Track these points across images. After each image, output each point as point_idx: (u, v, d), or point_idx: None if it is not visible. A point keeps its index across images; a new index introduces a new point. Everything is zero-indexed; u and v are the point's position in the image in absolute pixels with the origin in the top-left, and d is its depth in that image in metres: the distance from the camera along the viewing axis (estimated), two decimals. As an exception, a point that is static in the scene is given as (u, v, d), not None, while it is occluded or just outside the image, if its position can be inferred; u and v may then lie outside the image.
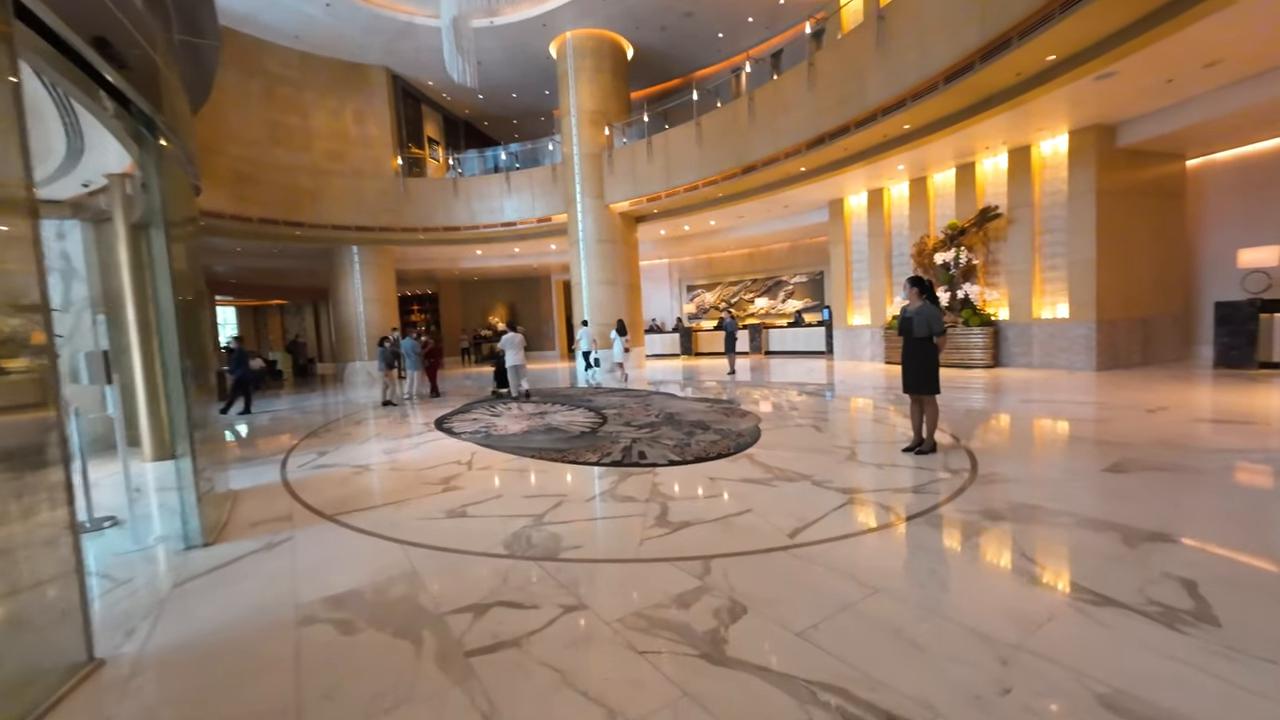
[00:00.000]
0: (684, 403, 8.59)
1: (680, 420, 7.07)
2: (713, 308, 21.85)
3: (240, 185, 13.93)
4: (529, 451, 5.85)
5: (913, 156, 11.09)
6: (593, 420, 7.50)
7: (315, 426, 8.51)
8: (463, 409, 9.42)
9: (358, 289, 17.20)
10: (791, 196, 13.96)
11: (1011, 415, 6.54)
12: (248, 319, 29.51)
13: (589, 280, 15.31)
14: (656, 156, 14.11)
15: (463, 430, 7.35)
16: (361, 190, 16.14)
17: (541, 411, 8.53)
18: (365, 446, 6.68)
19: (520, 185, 16.70)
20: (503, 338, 10.86)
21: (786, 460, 4.91)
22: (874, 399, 8.11)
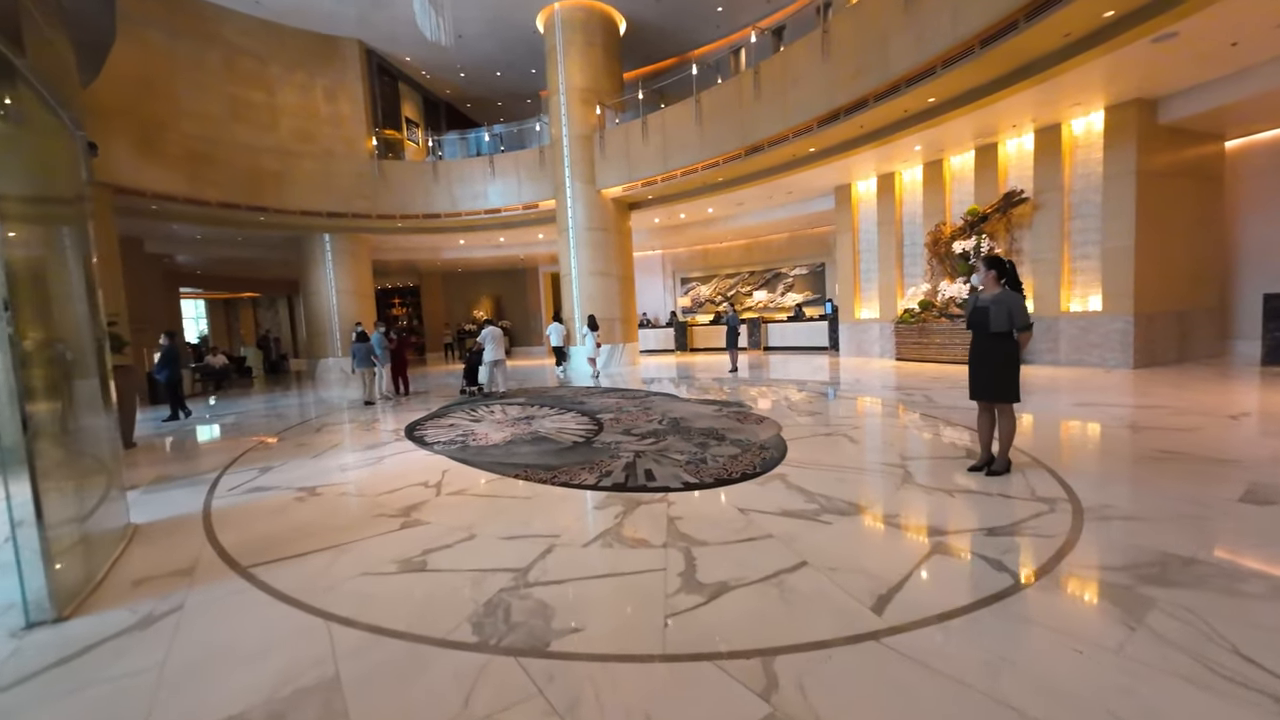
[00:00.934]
0: (688, 406, 7.65)
1: (688, 428, 6.13)
2: (708, 301, 20.94)
3: (196, 165, 12.70)
4: (512, 468, 4.88)
5: (931, 136, 10.23)
6: (586, 427, 6.54)
7: (268, 433, 7.44)
8: (439, 412, 8.40)
9: (330, 280, 16.02)
10: (796, 181, 13.05)
11: (1074, 422, 5.69)
12: (218, 312, 28.07)
13: (579, 271, 14.30)
14: (652, 137, 13.11)
15: (436, 440, 6.35)
16: (333, 173, 14.94)
17: (528, 416, 7.55)
18: (319, 461, 5.65)
19: (505, 169, 15.60)
20: (482, 331, 10.08)
21: (829, 483, 4.00)
22: (899, 400, 7.23)
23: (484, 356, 10.44)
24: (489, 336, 10.31)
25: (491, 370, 10.50)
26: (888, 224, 12.74)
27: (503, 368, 10.56)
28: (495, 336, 10.32)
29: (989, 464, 4.05)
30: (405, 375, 12.25)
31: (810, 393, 8.53)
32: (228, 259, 18.49)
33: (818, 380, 10.00)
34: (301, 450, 6.23)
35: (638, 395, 8.99)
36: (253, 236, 15.73)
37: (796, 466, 4.47)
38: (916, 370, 10.39)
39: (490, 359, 10.34)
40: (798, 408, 7.20)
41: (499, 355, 10.31)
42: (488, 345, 10.26)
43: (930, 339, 11.45)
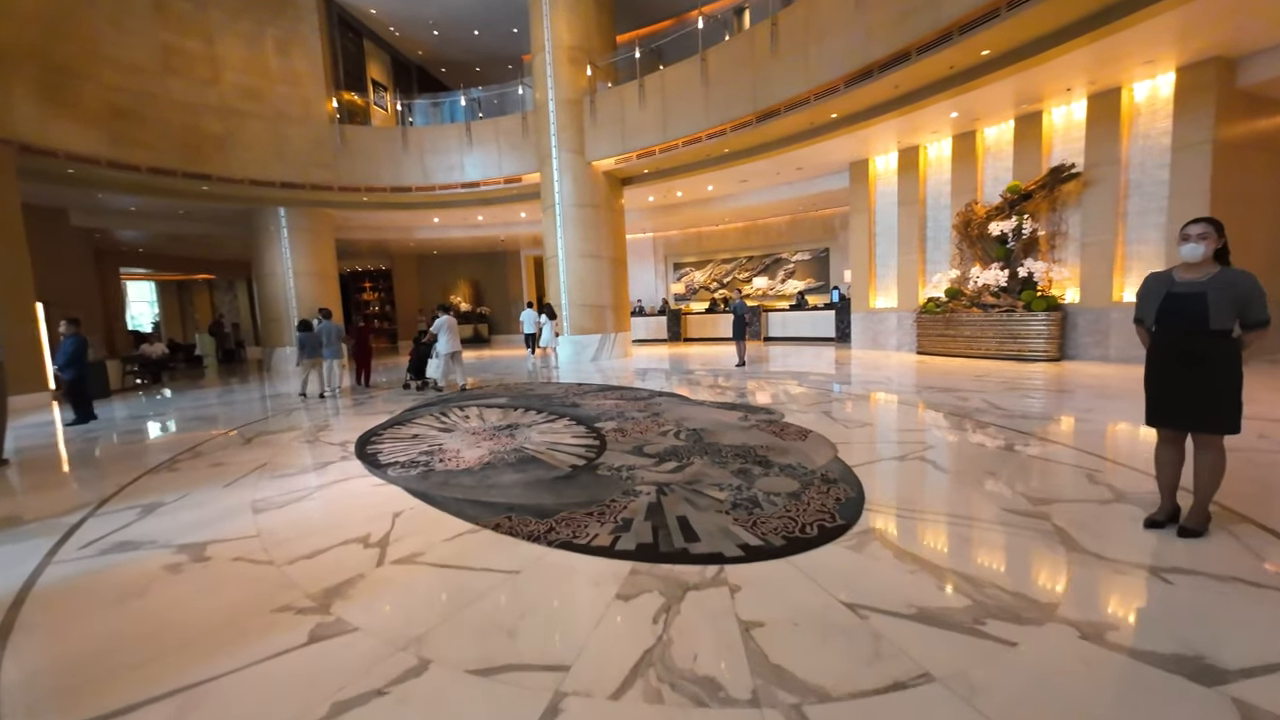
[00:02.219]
0: (706, 412, 6.37)
1: (716, 446, 4.84)
2: (702, 288, 19.66)
3: (119, 123, 10.90)
4: (490, 511, 3.54)
5: (970, 102, 9.02)
6: (585, 443, 5.21)
7: (182, 447, 5.96)
8: (403, 417, 6.98)
9: (286, 260, 14.33)
10: (808, 156, 11.78)
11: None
12: (170, 296, 25.92)
13: (566, 252, 12.87)
14: (650, 102, 11.67)
15: (393, 459, 4.96)
16: (286, 138, 13.20)
17: (510, 425, 6.18)
18: (229, 494, 4.23)
19: (484, 137, 14.01)
20: (435, 320, 9.17)
21: (957, 550, 2.76)
22: (953, 405, 6.04)
23: (438, 348, 9.26)
24: (443, 326, 9.21)
25: (448, 363, 9.27)
26: (910, 203, 11.54)
27: (459, 360, 9.32)
28: (450, 326, 9.26)
29: (1173, 517, 2.85)
30: (369, 366, 10.87)
31: (842, 394, 7.31)
32: (174, 235, 16.57)
33: (840, 378, 8.79)
34: (214, 474, 4.79)
35: (639, 395, 7.68)
36: (196, 209, 13.94)
37: (889, 514, 3.22)
38: (946, 366, 9.25)
39: (446, 351, 9.22)
40: (838, 415, 5.97)
41: (455, 346, 9.27)
42: (442, 335, 9.17)
43: (958, 331, 10.33)
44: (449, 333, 9.21)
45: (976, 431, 4.98)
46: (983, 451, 4.38)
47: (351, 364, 11.40)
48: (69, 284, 13.15)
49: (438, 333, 9.20)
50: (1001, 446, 4.47)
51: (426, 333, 9.58)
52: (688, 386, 8.44)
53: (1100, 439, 4.70)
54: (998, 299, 9.77)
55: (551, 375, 10.72)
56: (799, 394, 7.39)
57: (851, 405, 6.53)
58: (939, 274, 11.09)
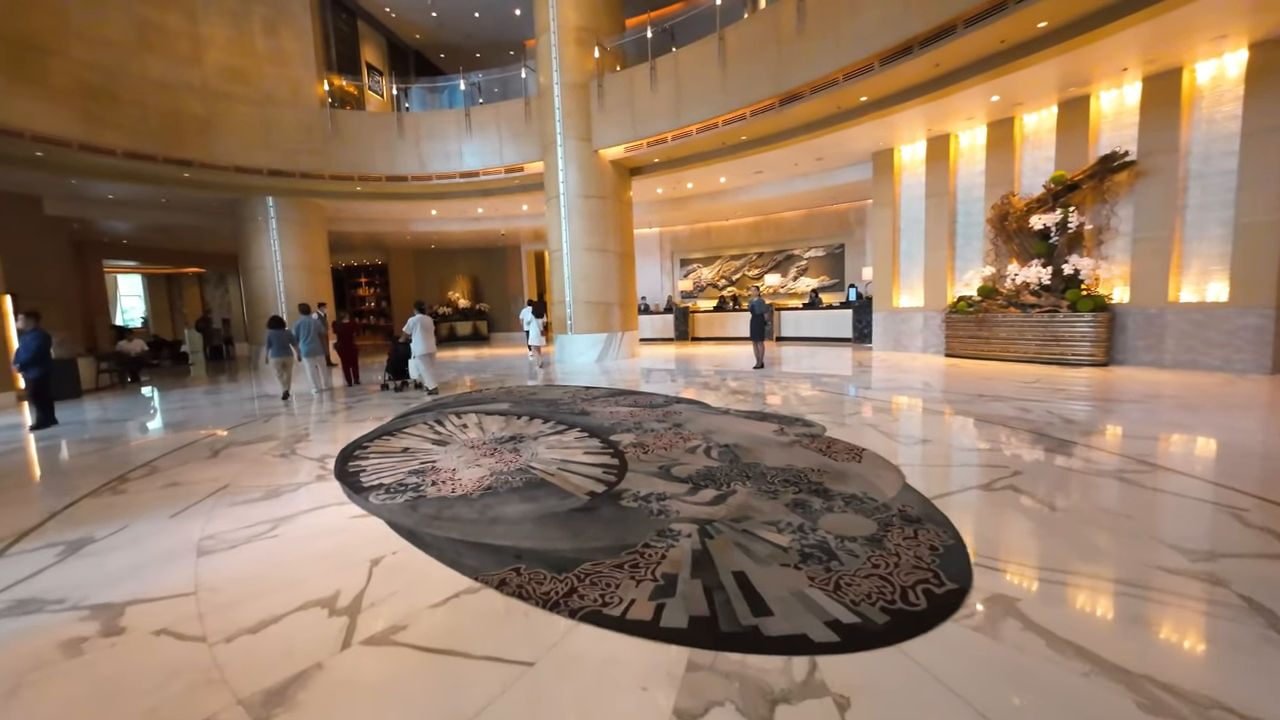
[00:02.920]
0: (733, 422, 5.65)
1: (757, 467, 4.12)
2: (710, 285, 18.92)
3: (92, 101, 10.12)
4: (493, 559, 2.82)
5: (1012, 84, 8.32)
6: (601, 461, 4.49)
7: (138, 460, 5.23)
8: (394, 425, 6.25)
9: (275, 253, 13.56)
10: (830, 144, 11.05)
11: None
12: (160, 290, 25.12)
13: (571, 246, 12.12)
14: (663, 85, 10.92)
15: (377, 480, 4.23)
16: (274, 122, 12.42)
17: (514, 437, 5.45)
18: (174, 528, 3.50)
19: (484, 124, 13.24)
20: (409, 320, 8.63)
21: (1122, 633, 2.05)
22: (1015, 416, 5.33)
23: (413, 349, 8.70)
24: (417, 325, 8.58)
25: (427, 365, 8.70)
26: (939, 196, 10.81)
27: (433, 363, 8.79)
28: (425, 326, 8.63)
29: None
30: (356, 364, 10.24)
31: (883, 403, 6.59)
32: (159, 226, 15.77)
33: (873, 383, 8.07)
34: (165, 498, 4.05)
35: (655, 402, 6.94)
36: (179, 199, 13.16)
37: (1009, 573, 2.50)
38: (984, 370, 8.54)
39: (420, 352, 8.63)
40: (887, 428, 5.25)
41: (430, 348, 8.68)
42: (415, 336, 8.59)
43: (993, 332, 9.62)
44: (423, 333, 8.58)
45: (1060, 452, 4.26)
46: (1084, 480, 3.66)
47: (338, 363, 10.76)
48: (43, 276, 12.38)
49: (410, 332, 8.61)
50: (1103, 473, 3.75)
51: (404, 333, 8.97)
52: (706, 391, 7.71)
53: (1223, 464, 3.98)
54: (1039, 298, 9.06)
55: (552, 376, 9.99)
56: (832, 401, 6.67)
57: (898, 416, 5.81)
58: (970, 271, 10.37)
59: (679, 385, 8.41)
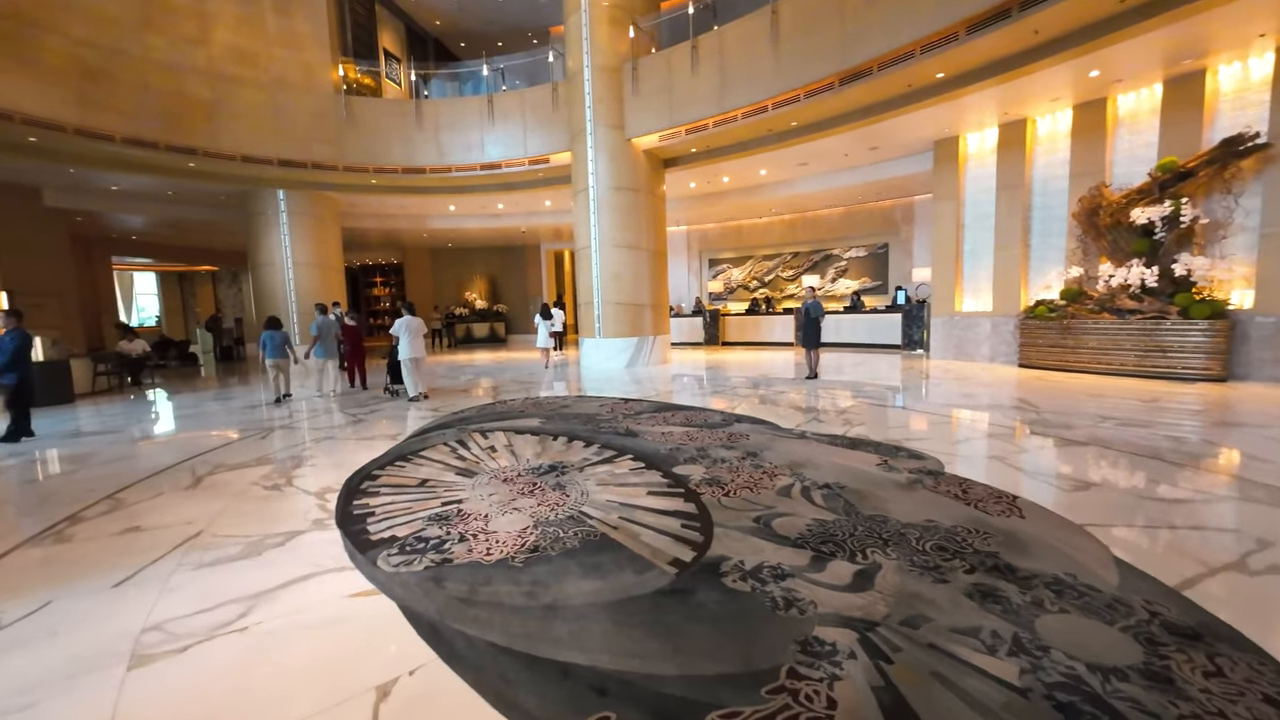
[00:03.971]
0: (821, 451, 4.65)
1: (886, 523, 3.12)
2: (741, 286, 17.90)
3: (89, 83, 9.38)
4: (566, 697, 1.84)
5: (1117, 56, 7.25)
6: (669, 504, 3.51)
7: (104, 489, 4.34)
8: (410, 445, 5.31)
9: (285, 248, 12.79)
10: (888, 131, 10.02)
11: None
12: (172, 288, 24.64)
13: (601, 242, 11.17)
14: (705, 66, 9.95)
15: (389, 527, 3.28)
16: (286, 108, 11.64)
17: (554, 466, 4.48)
18: (110, 608, 2.59)
19: (508, 111, 12.36)
20: (396, 322, 8.02)
21: None
22: (1168, 447, 4.26)
23: (399, 352, 8.03)
24: (403, 328, 7.95)
25: (413, 370, 8.04)
26: (1012, 188, 9.71)
27: (421, 367, 8.13)
28: (413, 328, 7.99)
29: None
30: (362, 366, 9.89)
31: (986, 425, 5.54)
32: (167, 221, 15.12)
33: (953, 397, 6.99)
34: (116, 551, 3.14)
35: (711, 420, 5.94)
36: (185, 190, 12.43)
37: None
38: (1077, 385, 7.43)
39: (406, 356, 7.96)
40: (1018, 462, 4.22)
41: (417, 352, 8.02)
42: (402, 339, 7.95)
43: (1080, 340, 8.50)
44: (409, 336, 7.93)
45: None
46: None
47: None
48: (41, 271, 11.71)
49: (397, 335, 7.98)
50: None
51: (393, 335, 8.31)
52: (764, 407, 6.70)
53: None
54: (1140, 303, 7.93)
55: (571, 381, 9.04)
56: (922, 421, 5.63)
57: (1021, 444, 4.75)
58: (1052, 272, 9.27)
59: (729, 398, 7.40)
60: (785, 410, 6.45)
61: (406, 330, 7.94)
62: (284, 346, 8.49)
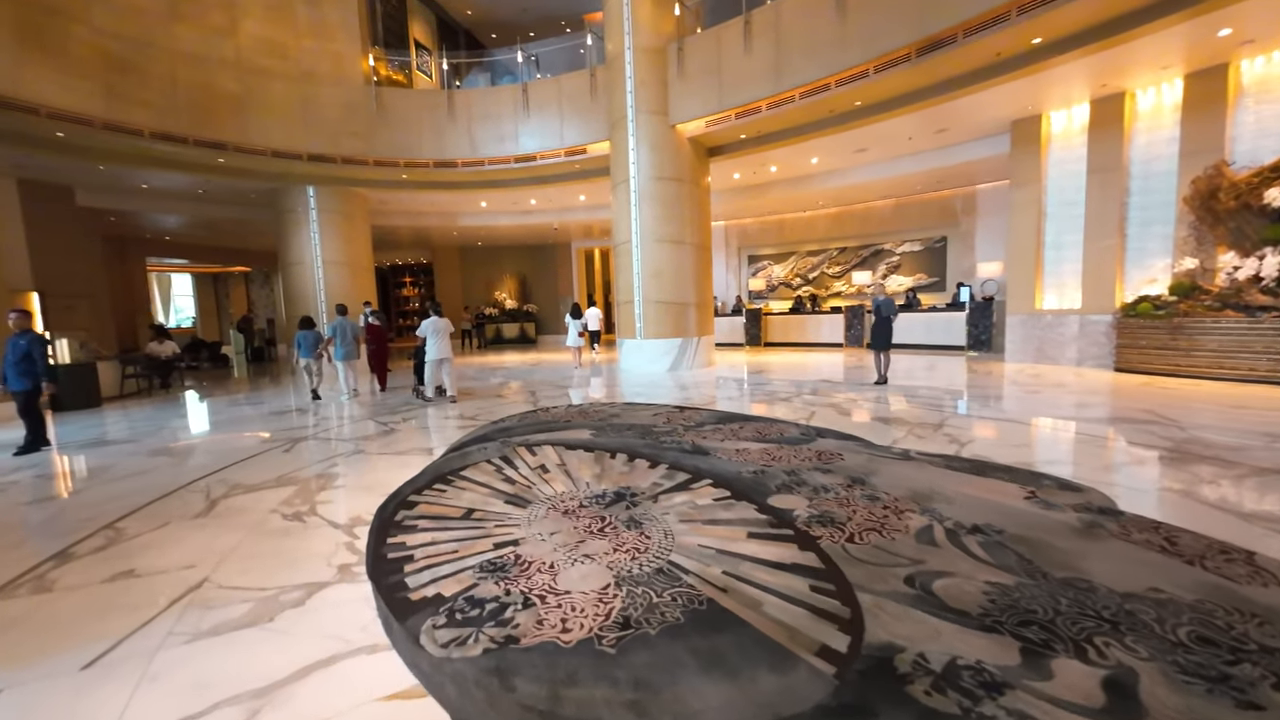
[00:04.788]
0: (938, 477, 3.85)
1: (1093, 592, 2.31)
2: (783, 284, 16.99)
3: (115, 75, 9.04)
4: None
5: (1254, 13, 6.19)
6: (784, 554, 2.76)
7: (106, 515, 3.78)
8: (448, 463, 4.66)
9: (315, 247, 12.40)
10: (962, 111, 9.09)
11: None
12: (207, 290, 24.80)
13: (643, 237, 10.45)
14: (759, 43, 9.14)
15: (433, 581, 2.61)
16: (315, 101, 11.23)
17: (620, 494, 3.77)
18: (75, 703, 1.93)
19: (543, 101, 11.74)
20: (422, 323, 7.92)
21: None
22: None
23: (425, 354, 7.93)
24: (430, 329, 7.87)
25: (436, 371, 7.96)
26: (1106, 171, 8.67)
27: (446, 369, 7.99)
28: (438, 329, 7.90)
29: None
30: (383, 367, 9.67)
31: (1128, 444, 4.63)
32: (200, 221, 14.94)
33: (1058, 406, 6.05)
34: (99, 609, 2.53)
35: (788, 436, 5.15)
36: (216, 188, 12.13)
37: None
38: (1200, 393, 6.41)
39: (433, 357, 7.86)
40: (1210, 497, 3.34)
41: (444, 353, 7.88)
42: (430, 340, 7.86)
43: (1195, 342, 7.45)
44: (436, 336, 7.84)
45: None
46: None
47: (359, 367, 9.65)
48: (73, 272, 11.49)
49: (424, 336, 7.91)
50: None
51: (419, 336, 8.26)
52: (842, 417, 5.89)
53: None
54: (1275, 298, 6.86)
55: (615, 388, 8.33)
56: (1050, 441, 4.76)
57: (1199, 473, 3.86)
58: (1157, 263, 8.22)
59: (794, 407, 6.59)
60: (869, 423, 5.63)
61: (434, 331, 7.83)
62: (316, 345, 8.71)
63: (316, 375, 8.75)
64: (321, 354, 8.78)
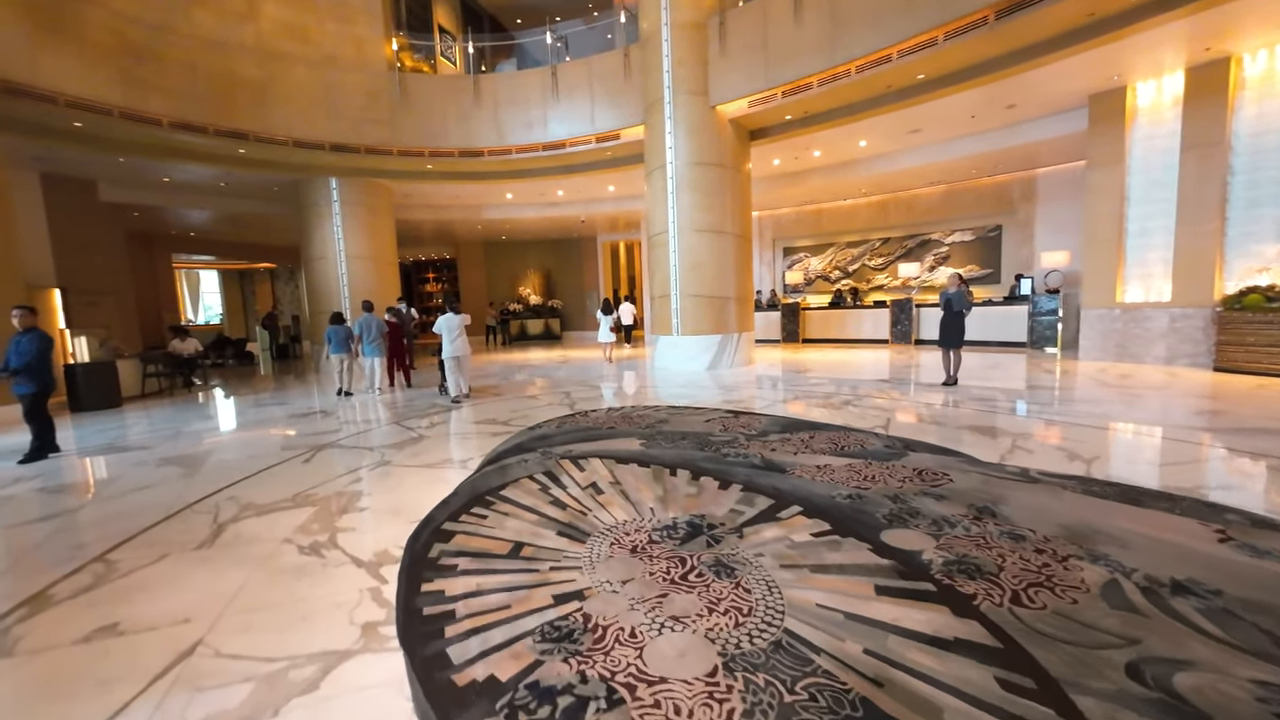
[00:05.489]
0: (1085, 507, 3.19)
1: None
2: (820, 277, 16.16)
3: (133, 62, 8.68)
4: None
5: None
6: (934, 620, 2.11)
7: (97, 544, 3.29)
8: (486, 482, 4.09)
9: (338, 241, 11.99)
10: (1033, 84, 8.28)
11: None
12: (234, 286, 24.83)
13: (680, 227, 9.79)
14: (811, 13, 8.39)
15: (481, 656, 2.02)
16: (337, 87, 10.78)
17: (694, 523, 3.17)
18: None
19: (574, 84, 11.13)
20: (439, 320, 7.67)
21: None
22: None
23: (442, 351, 7.67)
24: (447, 325, 7.58)
25: (454, 369, 7.69)
26: (1206, 147, 7.75)
27: (462, 367, 7.75)
28: (451, 326, 7.58)
29: None
30: (398, 366, 9.61)
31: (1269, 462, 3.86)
32: (224, 216, 14.71)
33: (1181, 411, 5.25)
34: (66, 683, 2.00)
35: (872, 448, 4.47)
36: (238, 182, 11.81)
37: None
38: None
39: (449, 354, 7.59)
40: None
41: (456, 351, 7.59)
42: (445, 337, 7.59)
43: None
44: (451, 333, 7.58)
45: None
46: None
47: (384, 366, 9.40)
48: (96, 268, 11.26)
49: (440, 333, 7.64)
50: None
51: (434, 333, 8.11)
52: (926, 425, 5.19)
53: None
54: None
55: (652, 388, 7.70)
56: (1184, 454, 4.00)
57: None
58: (1269, 249, 7.30)
59: (862, 411, 5.88)
60: (956, 431, 4.91)
61: (448, 329, 7.58)
62: (347, 341, 8.79)
63: (347, 373, 8.85)
64: (354, 350, 8.88)
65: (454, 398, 7.72)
